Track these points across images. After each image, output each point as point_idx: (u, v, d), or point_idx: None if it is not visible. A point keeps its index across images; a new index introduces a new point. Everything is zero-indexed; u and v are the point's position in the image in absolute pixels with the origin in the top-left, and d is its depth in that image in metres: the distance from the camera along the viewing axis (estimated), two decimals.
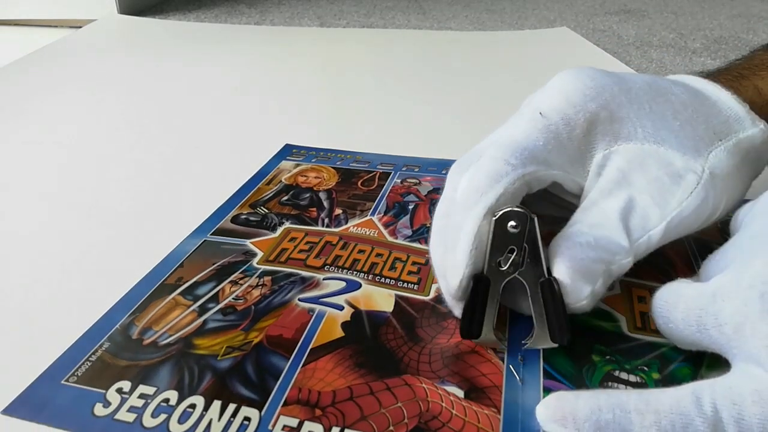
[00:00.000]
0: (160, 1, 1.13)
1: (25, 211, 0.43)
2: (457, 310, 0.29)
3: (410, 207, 0.42)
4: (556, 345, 0.28)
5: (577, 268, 0.26)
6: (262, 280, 0.35)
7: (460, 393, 0.27)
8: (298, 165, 0.49)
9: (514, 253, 0.27)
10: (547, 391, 0.27)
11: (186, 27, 0.97)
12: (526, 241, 0.27)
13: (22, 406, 0.27)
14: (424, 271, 0.35)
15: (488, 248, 0.27)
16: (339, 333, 0.31)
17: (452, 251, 0.27)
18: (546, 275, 0.27)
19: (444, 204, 0.29)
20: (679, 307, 0.26)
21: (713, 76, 0.34)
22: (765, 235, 0.24)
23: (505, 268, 0.27)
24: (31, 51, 0.82)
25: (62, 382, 0.28)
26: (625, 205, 0.28)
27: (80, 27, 0.95)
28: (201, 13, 1.06)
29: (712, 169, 0.29)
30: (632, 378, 0.28)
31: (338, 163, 0.49)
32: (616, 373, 0.28)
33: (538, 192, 0.29)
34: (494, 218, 0.26)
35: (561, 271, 0.26)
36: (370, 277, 0.35)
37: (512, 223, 0.26)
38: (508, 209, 0.26)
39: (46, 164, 0.50)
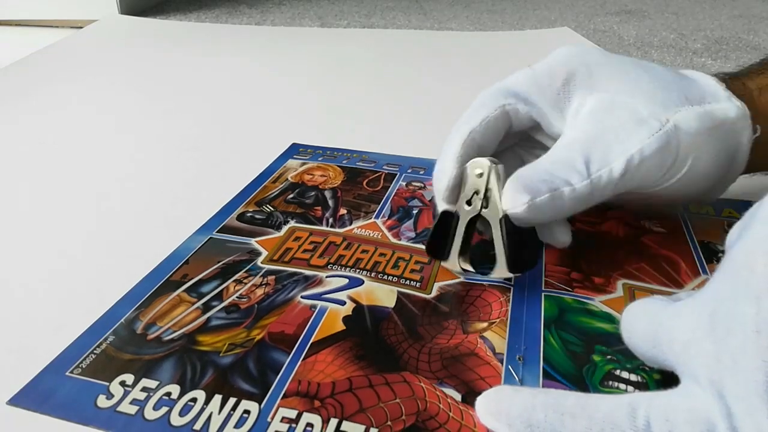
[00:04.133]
0: (161, 1, 1.14)
1: (29, 208, 0.44)
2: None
3: (414, 212, 0.42)
4: (512, 275, 0.33)
5: (520, 182, 0.30)
6: (266, 279, 0.35)
7: (458, 396, 0.27)
8: (304, 163, 0.49)
9: (479, 194, 0.32)
10: None
11: (187, 27, 0.97)
12: (490, 184, 0.32)
13: (26, 397, 0.27)
14: (426, 270, 0.36)
15: (462, 188, 0.33)
16: (340, 327, 0.31)
17: (441, 163, 0.33)
18: (506, 213, 0.31)
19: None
20: (641, 321, 0.26)
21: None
22: (732, 260, 0.23)
23: (471, 207, 0.32)
24: (32, 51, 0.82)
25: (67, 373, 0.28)
26: (588, 138, 0.31)
27: (81, 27, 0.96)
28: (202, 13, 1.06)
29: (677, 122, 0.31)
30: (633, 377, 0.28)
31: (344, 162, 0.49)
32: (617, 372, 0.28)
33: (529, 143, 0.36)
34: (466, 166, 0.32)
35: (508, 183, 0.30)
36: (373, 274, 0.35)
37: (478, 170, 0.32)
38: (476, 159, 0.32)
39: (49, 163, 0.51)
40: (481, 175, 0.32)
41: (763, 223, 0.22)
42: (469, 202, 0.32)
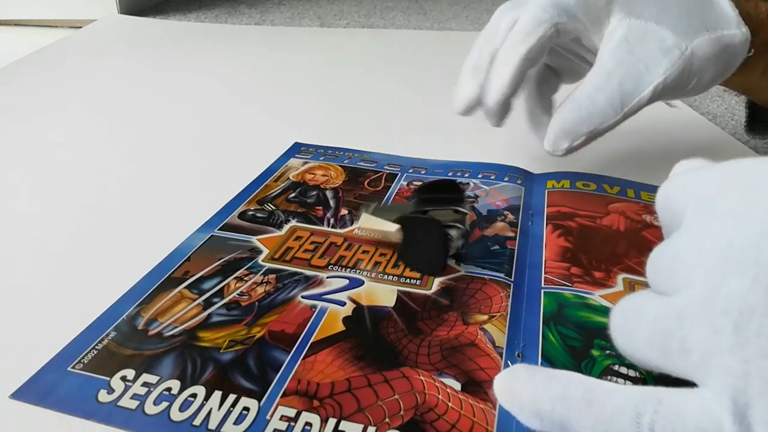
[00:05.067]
0: (160, 1, 1.14)
1: (31, 206, 0.44)
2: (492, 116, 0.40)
3: None
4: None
5: (562, 126, 0.37)
6: (266, 277, 0.35)
7: (457, 386, 0.27)
8: (306, 162, 0.50)
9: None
10: None
11: (186, 27, 0.97)
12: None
13: (29, 391, 0.27)
14: None
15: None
16: (340, 327, 0.31)
17: (495, 74, 0.38)
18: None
19: (488, 32, 0.40)
20: (641, 326, 0.23)
21: None
22: (745, 248, 0.21)
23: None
24: (32, 51, 0.82)
25: (69, 369, 0.28)
26: (626, 71, 0.36)
27: (80, 27, 0.96)
28: (201, 13, 1.06)
29: (694, 50, 0.36)
30: (632, 373, 0.28)
31: (346, 161, 0.50)
32: (616, 367, 0.28)
33: (567, 48, 0.42)
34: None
35: (552, 123, 0.37)
36: (373, 274, 0.35)
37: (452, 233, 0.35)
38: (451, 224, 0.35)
39: (50, 162, 0.51)
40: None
41: None
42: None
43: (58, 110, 0.63)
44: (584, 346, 0.29)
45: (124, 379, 0.28)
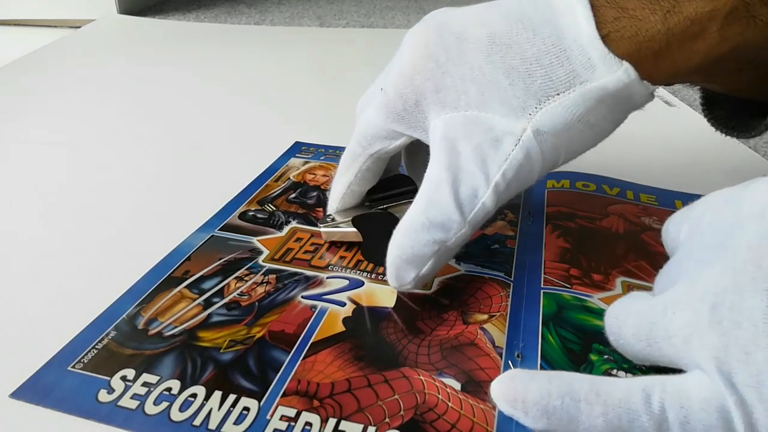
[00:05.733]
0: (159, 1, 1.14)
1: (31, 206, 0.44)
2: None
3: None
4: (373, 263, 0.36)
5: (403, 259, 0.30)
6: (267, 278, 0.35)
7: (457, 385, 0.27)
8: (306, 162, 0.49)
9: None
10: None
11: (186, 27, 0.97)
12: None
13: (29, 391, 0.27)
14: None
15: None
16: (340, 328, 0.31)
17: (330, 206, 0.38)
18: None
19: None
20: (629, 322, 0.26)
21: None
22: (717, 246, 0.24)
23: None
24: (31, 51, 0.82)
25: (69, 368, 0.28)
26: (454, 177, 0.30)
27: (79, 27, 0.95)
28: (201, 13, 1.06)
29: (539, 127, 0.29)
30: (630, 377, 0.28)
31: None
32: (614, 371, 0.28)
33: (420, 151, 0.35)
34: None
35: (389, 260, 0.31)
36: (373, 275, 0.35)
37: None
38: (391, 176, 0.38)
39: (49, 162, 0.51)
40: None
41: (760, 218, 0.23)
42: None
43: (57, 110, 0.63)
44: (583, 350, 0.29)
45: (124, 378, 0.28)
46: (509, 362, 0.29)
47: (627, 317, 0.26)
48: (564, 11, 0.29)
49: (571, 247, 0.37)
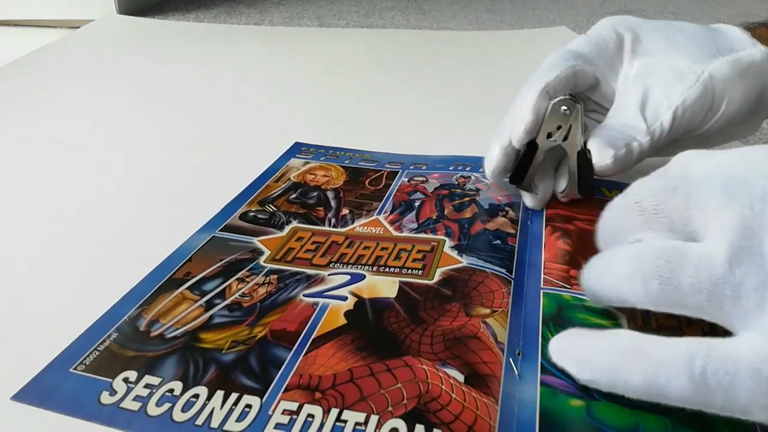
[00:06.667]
0: (159, 1, 1.14)
1: (31, 207, 0.44)
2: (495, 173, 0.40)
3: (416, 204, 0.42)
4: (581, 197, 0.40)
5: (603, 139, 0.36)
6: (268, 278, 0.35)
7: (461, 377, 0.27)
8: (306, 163, 0.50)
9: (561, 129, 0.37)
10: (545, 386, 0.27)
11: (185, 27, 0.97)
12: (572, 120, 0.37)
13: (30, 393, 0.27)
14: (428, 258, 0.36)
15: (544, 123, 0.37)
16: (342, 321, 0.31)
17: (519, 111, 0.38)
18: (582, 147, 0.37)
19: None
20: (686, 270, 0.23)
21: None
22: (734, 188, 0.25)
23: (554, 138, 0.38)
24: (31, 51, 0.82)
25: (70, 370, 0.28)
26: (642, 99, 0.37)
27: (79, 27, 0.95)
28: (200, 13, 1.06)
29: (712, 72, 0.36)
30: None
31: (347, 161, 0.50)
32: None
33: (586, 104, 0.40)
34: (552, 102, 0.37)
35: (592, 141, 0.36)
36: (375, 268, 0.35)
37: (564, 107, 0.37)
38: (562, 97, 0.37)
39: (49, 162, 0.51)
40: (566, 111, 0.37)
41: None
42: (549, 135, 0.37)
43: (57, 110, 0.63)
44: None
45: (126, 380, 0.28)
46: (510, 360, 0.29)
47: (683, 264, 0.24)
48: (717, 25, 0.40)
49: (570, 249, 0.37)
